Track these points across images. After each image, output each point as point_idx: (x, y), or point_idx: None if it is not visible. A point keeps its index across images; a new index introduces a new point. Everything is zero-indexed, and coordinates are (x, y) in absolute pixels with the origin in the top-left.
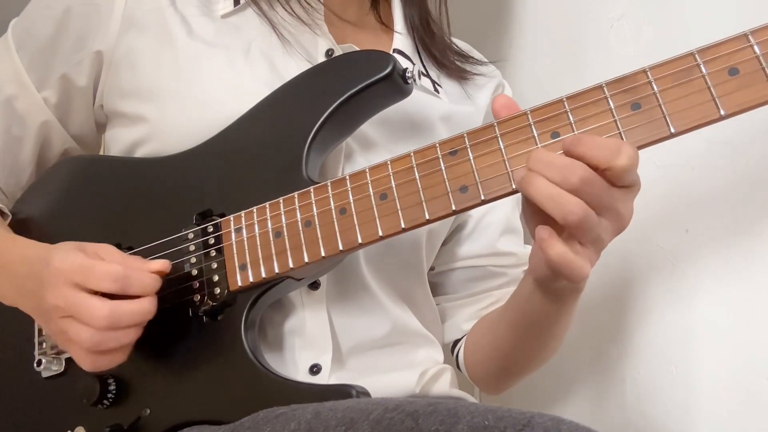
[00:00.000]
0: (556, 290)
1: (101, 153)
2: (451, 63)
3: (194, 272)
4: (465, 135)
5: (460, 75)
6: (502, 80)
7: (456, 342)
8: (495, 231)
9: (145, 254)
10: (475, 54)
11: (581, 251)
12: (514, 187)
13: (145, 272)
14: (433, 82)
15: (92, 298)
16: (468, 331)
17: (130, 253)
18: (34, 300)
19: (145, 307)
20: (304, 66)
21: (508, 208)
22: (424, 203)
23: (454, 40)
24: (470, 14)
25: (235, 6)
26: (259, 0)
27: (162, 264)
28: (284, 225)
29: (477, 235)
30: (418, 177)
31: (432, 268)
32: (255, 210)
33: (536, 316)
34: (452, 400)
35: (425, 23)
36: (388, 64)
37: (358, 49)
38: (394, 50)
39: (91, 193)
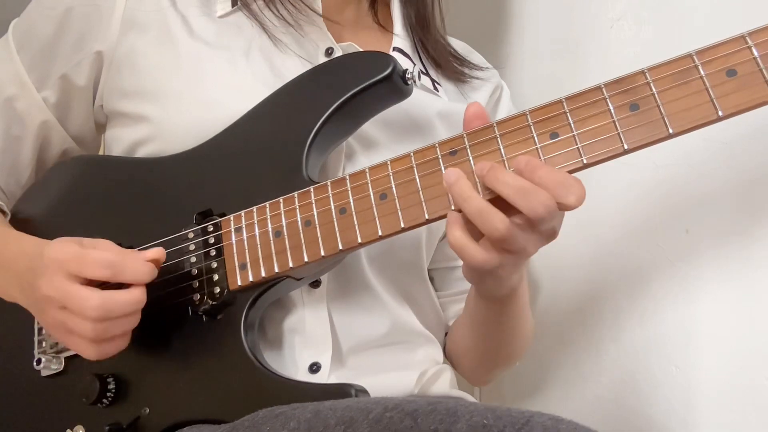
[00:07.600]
0: (486, 292)
1: (101, 153)
2: (448, 64)
3: (194, 271)
4: (464, 135)
5: (457, 77)
6: (500, 82)
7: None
8: None
9: None
10: (474, 57)
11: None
12: None
13: (139, 260)
14: (433, 81)
15: (82, 288)
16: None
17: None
18: (30, 292)
19: (135, 297)
20: (305, 66)
21: None
22: (423, 203)
23: (453, 40)
24: (470, 15)
25: (233, 7)
26: (255, 0)
27: (157, 252)
28: (284, 224)
29: None
30: (417, 177)
31: None
32: (255, 210)
33: (482, 317)
34: (452, 400)
35: (423, 23)
36: (388, 65)
37: (358, 48)
38: (395, 49)
39: (92, 192)
